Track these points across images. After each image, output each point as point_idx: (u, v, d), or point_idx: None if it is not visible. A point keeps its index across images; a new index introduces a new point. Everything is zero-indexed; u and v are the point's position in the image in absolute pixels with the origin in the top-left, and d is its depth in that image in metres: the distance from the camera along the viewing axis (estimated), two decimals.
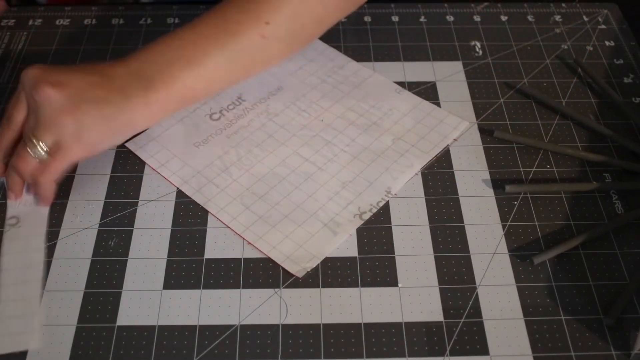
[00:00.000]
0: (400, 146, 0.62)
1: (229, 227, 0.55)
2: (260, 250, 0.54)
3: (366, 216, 0.57)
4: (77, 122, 0.51)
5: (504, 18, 0.76)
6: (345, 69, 0.69)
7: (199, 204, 0.57)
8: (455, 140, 0.63)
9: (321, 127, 0.63)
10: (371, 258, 0.54)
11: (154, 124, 0.58)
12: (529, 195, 0.58)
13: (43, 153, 0.52)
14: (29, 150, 0.52)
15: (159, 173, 0.59)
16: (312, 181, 0.59)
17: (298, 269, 0.53)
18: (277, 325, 0.50)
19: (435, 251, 0.55)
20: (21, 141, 0.53)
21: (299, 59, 0.69)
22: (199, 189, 0.58)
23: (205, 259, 0.54)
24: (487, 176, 0.60)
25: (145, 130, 0.61)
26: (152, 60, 0.54)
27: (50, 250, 0.54)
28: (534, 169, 0.60)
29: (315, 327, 0.50)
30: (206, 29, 0.56)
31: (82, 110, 0.51)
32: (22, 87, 0.53)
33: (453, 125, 0.64)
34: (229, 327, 0.50)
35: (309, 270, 0.53)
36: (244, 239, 0.55)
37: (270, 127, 0.63)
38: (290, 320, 0.50)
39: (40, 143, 0.52)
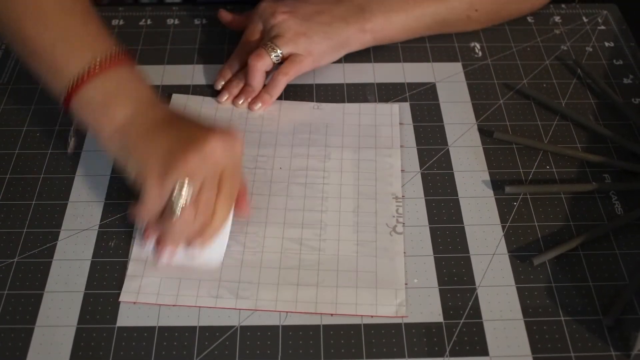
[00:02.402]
0: (366, 155, 0.61)
1: (296, 312, 0.51)
2: (346, 315, 0.51)
3: (400, 228, 0.56)
4: (309, 40, 0.64)
5: None
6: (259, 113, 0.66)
7: None
8: (401, 124, 0.64)
9: (288, 174, 0.60)
10: None
11: (363, 48, 0.68)
12: (528, 196, 0.58)
13: (279, 57, 0.64)
14: (268, 52, 0.63)
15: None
16: (326, 228, 0.56)
17: (395, 310, 0.51)
18: (277, 327, 0.50)
19: (435, 252, 0.55)
20: (260, 45, 0.64)
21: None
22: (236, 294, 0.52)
23: None
24: (487, 177, 0.60)
25: None
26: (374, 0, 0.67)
27: (50, 251, 0.54)
28: (533, 170, 0.61)
29: (315, 328, 0.50)
30: None
31: (313, 30, 0.64)
32: (259, 16, 0.67)
33: (387, 112, 0.65)
34: (229, 328, 0.50)
35: (403, 304, 0.51)
36: (321, 313, 0.51)
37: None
38: (290, 321, 0.50)
39: (278, 49, 0.63)
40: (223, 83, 0.67)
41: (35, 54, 0.53)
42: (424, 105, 0.66)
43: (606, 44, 0.73)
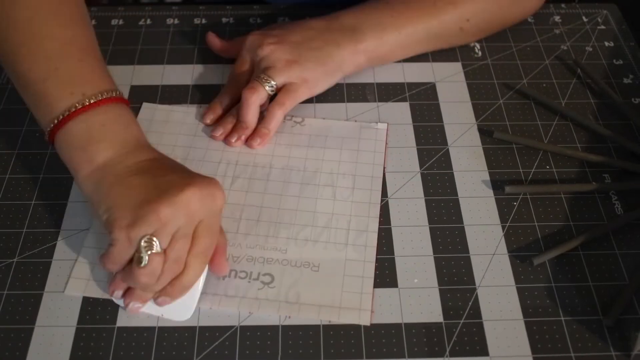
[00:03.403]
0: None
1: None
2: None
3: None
4: (301, 68, 0.62)
5: None
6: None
7: None
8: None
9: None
10: None
11: (357, 71, 0.67)
12: (528, 196, 0.58)
13: (273, 88, 0.61)
14: (262, 84, 0.61)
15: None
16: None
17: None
18: (277, 327, 0.50)
19: (435, 252, 0.55)
20: (253, 78, 0.62)
21: None
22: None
23: None
24: (487, 177, 0.60)
25: None
26: (365, 19, 0.65)
27: (49, 251, 0.54)
28: (533, 170, 0.61)
29: (315, 328, 0.50)
30: (416, 5, 0.66)
31: (304, 57, 0.62)
32: (247, 50, 0.65)
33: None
34: (229, 328, 0.50)
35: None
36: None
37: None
38: (290, 321, 0.50)
39: (271, 81, 0.61)
40: (212, 117, 0.64)
41: (27, 87, 0.52)
42: (423, 105, 0.66)
43: (606, 43, 0.73)
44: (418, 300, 0.52)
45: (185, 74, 0.69)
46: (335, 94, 0.67)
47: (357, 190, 0.59)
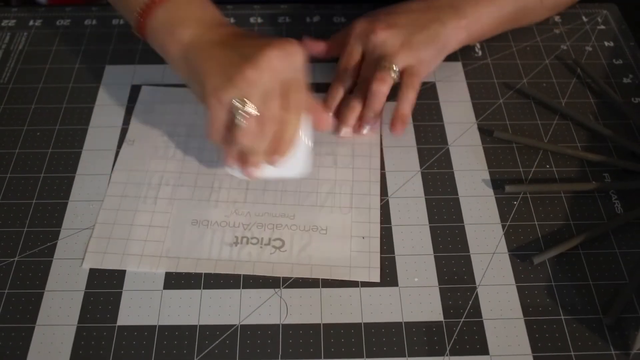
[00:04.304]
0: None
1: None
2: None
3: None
4: (415, 50, 0.63)
5: None
6: None
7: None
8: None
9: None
10: None
11: (460, 46, 0.67)
12: (528, 195, 0.58)
13: (397, 75, 0.62)
14: (389, 73, 0.61)
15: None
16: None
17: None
18: (277, 325, 0.50)
19: (435, 251, 0.55)
20: (377, 69, 0.61)
21: None
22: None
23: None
24: (487, 176, 0.60)
25: None
26: None
27: (50, 250, 0.54)
28: (533, 169, 0.61)
29: (315, 327, 0.50)
30: None
31: (416, 39, 0.63)
32: (356, 37, 0.65)
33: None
34: (229, 327, 0.50)
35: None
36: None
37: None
38: (291, 320, 0.50)
39: (394, 67, 0.61)
40: (332, 111, 0.64)
41: None
42: (424, 104, 0.66)
43: (606, 43, 0.73)
44: (418, 299, 0.52)
45: None
46: None
47: (357, 157, 0.61)
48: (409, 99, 0.61)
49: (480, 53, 0.72)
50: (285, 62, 0.50)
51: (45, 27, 0.75)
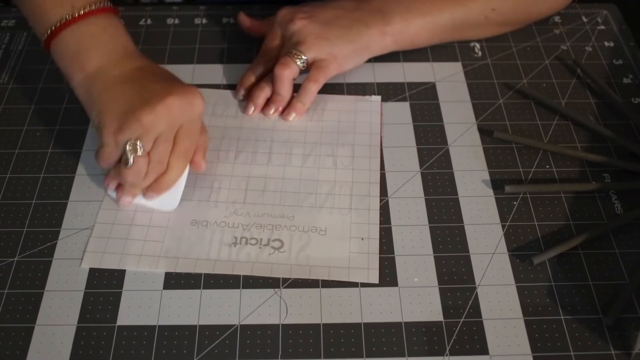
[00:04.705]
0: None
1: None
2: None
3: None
4: (331, 44, 0.63)
5: None
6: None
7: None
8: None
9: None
10: None
11: (383, 52, 0.68)
12: (528, 196, 0.58)
13: (304, 63, 0.63)
14: (294, 59, 0.62)
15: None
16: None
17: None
18: (277, 325, 0.50)
19: (435, 251, 0.55)
20: (283, 54, 0.64)
21: None
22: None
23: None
24: (487, 176, 0.60)
25: None
26: (393, 2, 0.67)
27: (50, 250, 0.54)
28: (533, 169, 0.61)
29: (315, 327, 0.50)
30: None
31: (334, 34, 0.64)
32: (278, 24, 0.67)
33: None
34: (229, 327, 0.50)
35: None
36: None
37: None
38: (290, 320, 0.50)
39: (303, 56, 0.63)
40: (243, 92, 0.66)
41: (24, 1, 0.58)
42: (423, 104, 0.66)
43: (606, 43, 0.73)
44: (418, 299, 0.52)
45: (185, 74, 0.69)
46: (336, 94, 0.67)
47: (357, 159, 0.61)
48: (308, 90, 0.63)
49: (480, 53, 0.72)
50: (183, 111, 0.53)
51: None
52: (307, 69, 0.64)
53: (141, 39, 0.73)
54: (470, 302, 0.51)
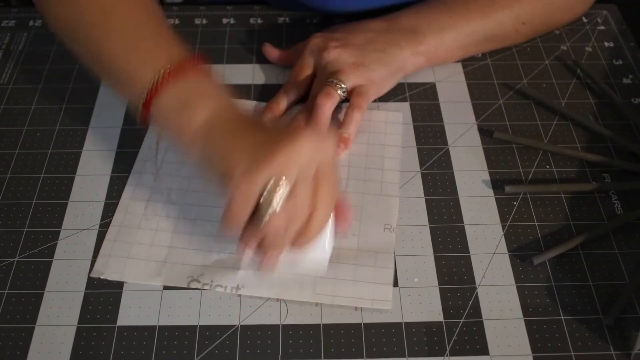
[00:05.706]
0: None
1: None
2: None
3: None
4: (368, 70, 0.63)
5: None
6: None
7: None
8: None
9: None
10: None
11: (416, 70, 0.67)
12: (528, 196, 0.58)
13: (345, 92, 0.62)
14: (335, 89, 0.61)
15: None
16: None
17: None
18: (278, 326, 0.50)
19: (435, 251, 0.55)
20: (322, 83, 0.62)
21: None
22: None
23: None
24: (487, 176, 0.60)
25: None
26: (424, 20, 0.66)
27: (50, 251, 0.54)
28: (533, 170, 0.61)
29: (315, 327, 0.50)
30: (474, 6, 0.67)
31: (369, 59, 0.63)
32: (310, 52, 0.65)
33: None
34: (229, 327, 0.50)
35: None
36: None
37: None
38: (291, 320, 0.50)
39: (342, 84, 0.61)
40: (271, 118, 0.63)
41: (108, 68, 0.53)
42: (424, 105, 0.66)
43: (606, 43, 0.73)
44: (418, 299, 0.52)
45: None
46: None
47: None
48: (353, 118, 0.61)
49: (480, 54, 0.72)
50: (320, 146, 0.46)
51: (45, 27, 0.75)
52: (347, 97, 0.62)
53: None
54: (470, 303, 0.51)
